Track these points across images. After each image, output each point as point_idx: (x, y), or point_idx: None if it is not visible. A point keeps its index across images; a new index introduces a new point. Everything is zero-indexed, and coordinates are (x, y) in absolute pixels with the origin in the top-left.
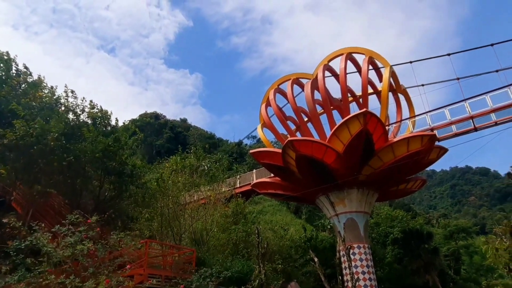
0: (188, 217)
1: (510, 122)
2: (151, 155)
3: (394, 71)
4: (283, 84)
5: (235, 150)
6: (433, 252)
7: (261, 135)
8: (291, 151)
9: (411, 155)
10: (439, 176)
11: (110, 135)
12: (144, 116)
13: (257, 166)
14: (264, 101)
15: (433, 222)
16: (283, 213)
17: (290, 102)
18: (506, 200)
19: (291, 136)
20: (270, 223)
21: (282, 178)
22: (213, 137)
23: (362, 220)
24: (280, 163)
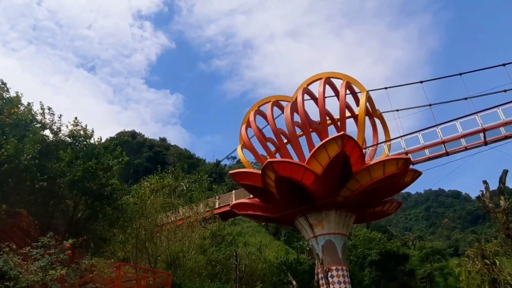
0: (164, 239)
1: (478, 147)
2: (128, 174)
3: (370, 96)
4: (263, 106)
5: (215, 170)
6: (409, 274)
7: (241, 156)
8: (271, 172)
9: (387, 177)
10: (414, 199)
11: (91, 154)
12: (122, 134)
13: (236, 187)
14: (244, 122)
15: (409, 244)
16: (262, 234)
17: (270, 124)
18: (477, 223)
19: (271, 157)
20: (249, 245)
21: (261, 199)
22: (192, 157)
23: (340, 242)
24: (259, 184)
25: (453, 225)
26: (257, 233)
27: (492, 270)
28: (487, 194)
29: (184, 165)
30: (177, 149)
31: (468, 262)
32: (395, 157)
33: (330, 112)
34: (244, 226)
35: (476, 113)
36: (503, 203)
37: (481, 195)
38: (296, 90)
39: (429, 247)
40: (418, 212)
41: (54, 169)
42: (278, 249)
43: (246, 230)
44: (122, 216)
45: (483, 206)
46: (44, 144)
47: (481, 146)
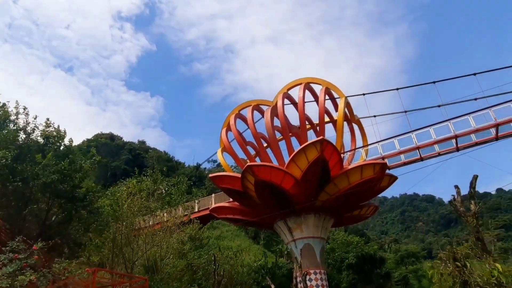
0: (142, 243)
1: (451, 153)
2: (106, 177)
3: (348, 102)
4: (243, 109)
5: (194, 173)
6: (385, 277)
7: (221, 159)
8: (250, 176)
9: (364, 182)
10: (390, 203)
11: (64, 156)
12: (100, 136)
13: (216, 191)
14: (224, 126)
15: (385, 247)
16: (242, 238)
17: (250, 128)
18: (449, 226)
19: (251, 161)
20: (228, 249)
21: (241, 203)
22: (171, 160)
23: (319, 246)
24: (239, 187)
25: (427, 228)
26: (237, 237)
27: (463, 272)
28: (459, 199)
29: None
30: (156, 152)
31: (441, 265)
32: (372, 162)
33: (309, 117)
34: (224, 230)
35: (448, 120)
36: (474, 207)
37: (453, 200)
38: (277, 94)
39: (404, 250)
40: (394, 216)
41: (26, 171)
42: (257, 253)
43: (226, 234)
44: (98, 220)
45: (454, 210)
46: (16, 145)
47: (453, 152)
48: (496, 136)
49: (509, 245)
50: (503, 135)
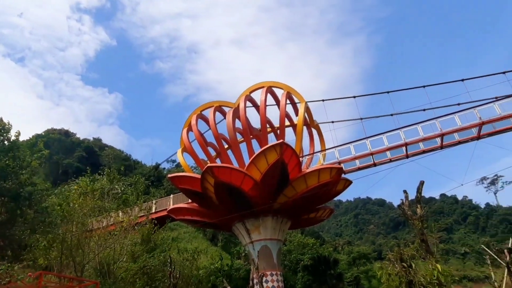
0: (94, 245)
1: (401, 160)
2: (57, 174)
3: (308, 107)
4: (205, 110)
5: (153, 173)
6: (338, 278)
7: (181, 159)
8: (210, 177)
9: (321, 185)
10: (345, 206)
11: (8, 151)
12: (51, 132)
13: (174, 191)
14: (185, 126)
15: (339, 249)
16: (199, 240)
17: (211, 129)
18: (398, 229)
19: (211, 162)
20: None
21: (200, 204)
22: (129, 159)
23: (276, 248)
24: (198, 188)
25: (377, 231)
26: (194, 239)
27: (408, 272)
28: (407, 203)
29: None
30: (113, 150)
31: (389, 265)
32: (329, 166)
33: (270, 120)
34: (181, 232)
35: (400, 128)
36: (420, 211)
37: (402, 204)
38: (239, 96)
39: (356, 251)
40: (348, 219)
41: None
42: (215, 254)
43: (183, 236)
44: (46, 220)
45: (403, 213)
46: None
47: (403, 158)
48: (441, 145)
49: (450, 247)
50: (447, 144)
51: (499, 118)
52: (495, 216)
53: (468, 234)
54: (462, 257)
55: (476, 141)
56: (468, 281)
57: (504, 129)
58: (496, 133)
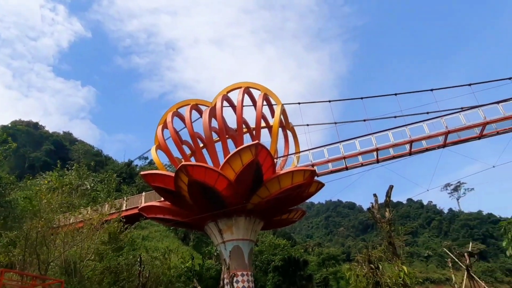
0: (60, 243)
1: (372, 164)
2: (23, 168)
3: (284, 109)
4: (182, 108)
5: (125, 170)
6: (307, 279)
7: (155, 157)
8: (184, 176)
9: (294, 187)
10: (316, 208)
11: None
12: (19, 123)
13: (147, 189)
14: (161, 123)
15: (309, 250)
16: (171, 239)
17: (187, 127)
18: (367, 232)
19: (186, 160)
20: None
21: (173, 203)
22: (100, 155)
23: (248, 248)
24: (171, 187)
25: (347, 233)
26: (165, 238)
27: (376, 274)
28: (376, 206)
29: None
30: (83, 145)
31: (357, 267)
32: (302, 169)
33: (246, 121)
34: (152, 230)
35: (371, 134)
36: (388, 215)
37: (371, 207)
38: (216, 96)
39: (326, 253)
40: (319, 221)
41: None
42: (186, 254)
43: (154, 235)
44: (9, 215)
45: (372, 216)
46: None
47: (374, 163)
48: (410, 152)
49: (415, 250)
50: (416, 151)
51: (463, 127)
52: (457, 221)
53: (431, 237)
54: (425, 259)
55: (442, 149)
56: (430, 283)
57: (468, 138)
58: (460, 142)
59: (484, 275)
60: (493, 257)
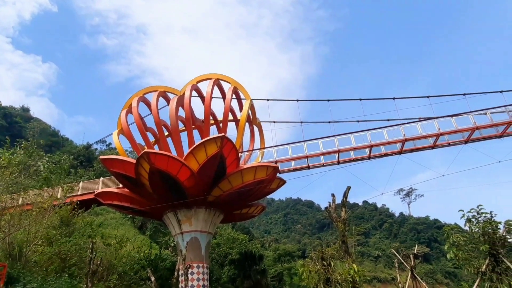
0: (5, 225)
1: (333, 165)
2: None
3: (253, 105)
4: (149, 94)
5: (83, 153)
6: (262, 273)
7: (116, 141)
8: (146, 163)
9: (256, 182)
10: (276, 205)
11: None
12: None
13: (105, 174)
14: (125, 107)
15: (266, 245)
16: (127, 227)
17: (153, 114)
18: (323, 230)
19: (149, 148)
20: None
21: (131, 190)
22: (57, 135)
23: (205, 240)
24: (132, 174)
25: (304, 230)
26: (121, 226)
27: (327, 270)
28: (333, 205)
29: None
30: (39, 123)
31: (310, 263)
32: (266, 165)
33: (214, 113)
34: (108, 217)
35: (335, 136)
36: (344, 214)
37: (328, 206)
38: (185, 85)
39: (282, 249)
40: (278, 217)
41: None
42: (142, 243)
43: (110, 222)
44: None
45: (328, 215)
46: None
47: (335, 164)
48: (369, 156)
49: (366, 250)
50: (374, 156)
51: (419, 137)
52: (406, 225)
53: (382, 239)
54: (375, 259)
55: (399, 156)
56: (378, 281)
57: (422, 147)
58: (415, 150)
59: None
60: (435, 260)
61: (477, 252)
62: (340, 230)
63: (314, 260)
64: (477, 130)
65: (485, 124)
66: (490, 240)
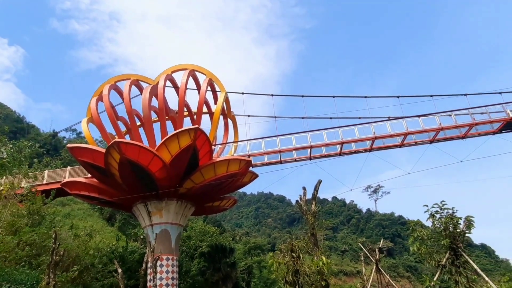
0: None
1: (304, 161)
2: None
3: (228, 98)
4: (121, 82)
5: (49, 141)
6: (232, 266)
7: (85, 130)
8: (116, 153)
9: (229, 175)
10: (248, 198)
11: None
12: None
13: (73, 164)
14: (96, 95)
15: (237, 238)
16: (95, 219)
17: (125, 102)
18: (293, 224)
19: (120, 137)
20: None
21: (100, 180)
22: (22, 121)
23: (176, 232)
24: (101, 163)
25: (274, 224)
26: (89, 217)
27: (296, 262)
28: (304, 199)
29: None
30: (3, 109)
31: (280, 255)
32: (239, 158)
33: (188, 104)
34: (75, 208)
35: (308, 131)
36: (314, 208)
37: (300, 199)
38: (160, 74)
39: (253, 242)
40: (249, 211)
41: None
42: (110, 235)
43: (77, 213)
44: None
45: (299, 208)
46: None
47: (307, 160)
48: (340, 152)
49: (333, 244)
50: (345, 152)
51: (388, 135)
52: (372, 220)
53: (349, 234)
54: (342, 253)
55: (368, 153)
56: (344, 275)
57: (391, 145)
58: (384, 148)
59: (389, 269)
60: (398, 254)
61: (437, 247)
62: (310, 223)
63: (284, 253)
64: (442, 131)
65: (449, 125)
66: (451, 235)
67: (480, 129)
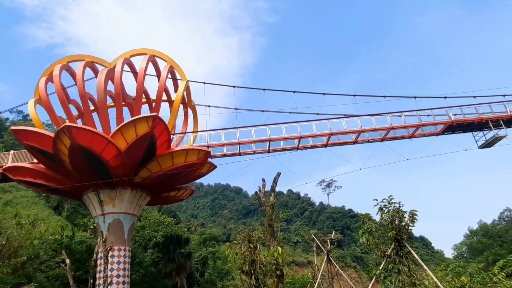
0: None
1: (263, 154)
2: None
3: (189, 86)
4: (73, 63)
5: None
6: (186, 257)
7: (32, 111)
8: (66, 138)
9: (187, 165)
10: (205, 189)
11: None
12: None
13: (17, 147)
14: (45, 75)
15: (192, 229)
16: (40, 207)
17: (78, 85)
18: (248, 216)
19: (71, 121)
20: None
21: (47, 166)
22: None
23: (129, 223)
24: (49, 149)
25: (230, 216)
26: (34, 205)
27: (253, 252)
28: (263, 191)
29: None
30: None
31: (237, 246)
32: (197, 148)
33: (147, 91)
34: (18, 195)
35: (267, 125)
36: (272, 199)
37: (259, 190)
38: (117, 57)
39: (208, 233)
40: (206, 202)
41: None
42: (57, 224)
43: (20, 200)
44: None
45: (258, 199)
46: None
47: (265, 153)
48: (298, 146)
49: (287, 235)
50: (302, 147)
51: (343, 132)
52: (324, 213)
53: (302, 226)
54: (294, 245)
55: (324, 148)
56: (295, 265)
57: (345, 142)
58: (339, 144)
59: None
60: (346, 245)
61: (384, 238)
62: (268, 214)
63: (240, 243)
64: (392, 130)
65: (399, 125)
66: (396, 227)
67: (425, 130)
